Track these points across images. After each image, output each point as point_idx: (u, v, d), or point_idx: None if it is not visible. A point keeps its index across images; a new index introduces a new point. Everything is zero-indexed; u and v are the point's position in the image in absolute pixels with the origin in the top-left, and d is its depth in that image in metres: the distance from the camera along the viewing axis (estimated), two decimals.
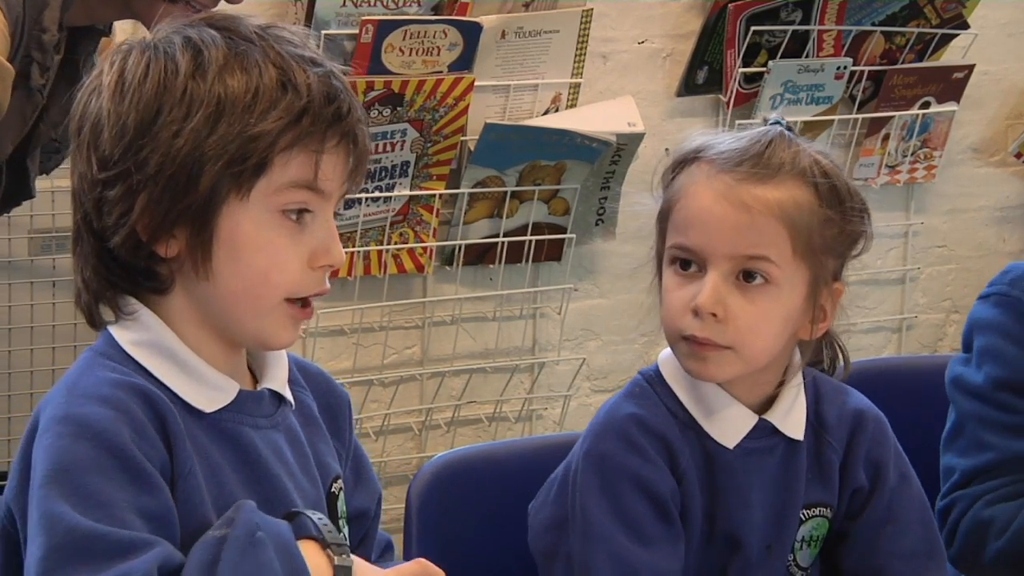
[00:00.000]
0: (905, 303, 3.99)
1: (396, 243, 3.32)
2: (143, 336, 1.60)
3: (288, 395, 1.69)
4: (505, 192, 3.37)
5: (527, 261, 3.46)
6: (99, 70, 1.62)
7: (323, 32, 3.08)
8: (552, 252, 3.50)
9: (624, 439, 1.83)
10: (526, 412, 3.61)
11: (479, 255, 3.44)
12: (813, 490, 1.91)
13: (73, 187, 1.61)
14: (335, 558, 1.53)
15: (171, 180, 1.54)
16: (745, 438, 1.86)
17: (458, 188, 3.34)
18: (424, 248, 3.35)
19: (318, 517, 1.57)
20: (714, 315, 1.78)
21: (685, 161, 1.85)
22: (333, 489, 1.71)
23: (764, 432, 1.87)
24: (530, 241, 3.44)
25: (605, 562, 1.81)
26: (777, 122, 1.86)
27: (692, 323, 1.80)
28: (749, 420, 1.86)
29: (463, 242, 3.39)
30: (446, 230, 3.40)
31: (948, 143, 3.91)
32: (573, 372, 3.63)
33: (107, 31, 2.40)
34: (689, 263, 1.82)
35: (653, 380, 1.89)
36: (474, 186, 3.34)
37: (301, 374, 1.75)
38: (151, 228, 1.56)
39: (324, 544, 1.54)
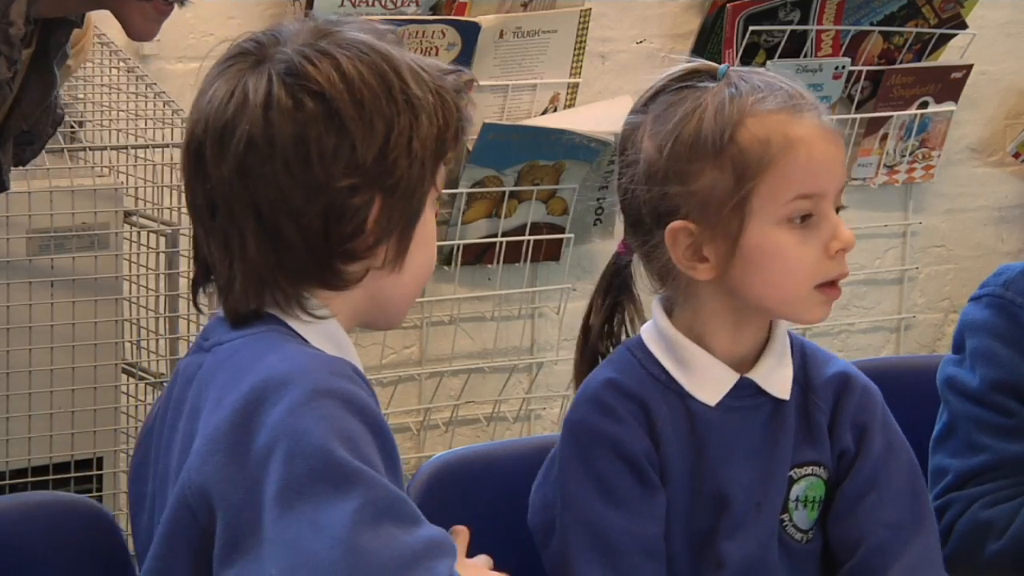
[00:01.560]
0: (903, 303, 4.00)
1: None
2: (326, 345, 1.60)
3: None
4: (503, 192, 3.37)
5: (525, 261, 3.46)
6: (240, 82, 1.60)
7: None
8: (551, 252, 3.50)
9: (596, 403, 1.85)
10: (525, 412, 3.61)
11: (477, 255, 3.45)
12: (803, 450, 1.90)
13: (259, 200, 1.57)
14: None
15: (408, 185, 1.60)
16: (728, 397, 1.87)
17: (456, 188, 3.34)
18: None
19: None
20: (845, 249, 1.82)
21: (738, 122, 1.82)
22: None
23: (748, 391, 1.87)
24: (528, 241, 3.44)
25: (579, 529, 1.82)
26: (727, 68, 1.88)
27: (831, 266, 1.81)
28: (730, 377, 1.87)
29: (461, 242, 3.40)
30: (444, 230, 3.40)
31: (946, 143, 3.91)
32: (571, 372, 3.62)
33: (79, 23, 2.39)
34: (808, 215, 1.81)
35: (633, 347, 1.90)
36: (472, 186, 3.35)
37: None
38: (379, 234, 1.59)
39: None
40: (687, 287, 1.87)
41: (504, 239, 3.42)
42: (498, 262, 3.44)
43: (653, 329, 1.90)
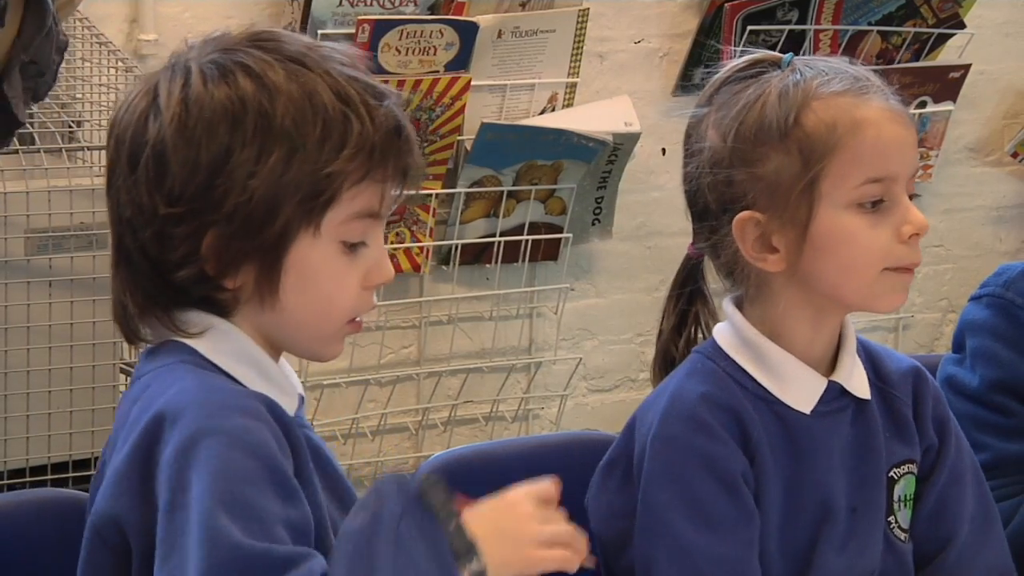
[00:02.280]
0: None
1: (393, 242, 3.31)
2: (226, 346, 1.58)
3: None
4: (502, 192, 3.37)
5: (524, 261, 3.46)
6: (148, 88, 1.58)
7: (319, 32, 3.08)
8: (549, 252, 3.50)
9: (693, 420, 1.78)
10: (523, 412, 3.61)
11: (476, 255, 3.45)
12: (897, 447, 1.87)
13: (123, 215, 1.57)
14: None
15: (246, 219, 1.53)
16: (817, 402, 1.83)
17: (455, 188, 3.34)
18: (421, 248, 3.35)
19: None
20: (918, 234, 1.79)
21: (803, 105, 1.78)
22: None
23: (833, 395, 1.83)
24: (527, 241, 3.44)
25: (665, 552, 1.76)
26: (791, 57, 1.85)
27: (903, 251, 1.79)
28: (820, 383, 1.83)
29: (460, 242, 3.40)
30: (443, 230, 3.40)
31: (944, 143, 3.91)
32: (570, 372, 3.63)
33: None
34: (879, 200, 1.77)
35: (713, 355, 1.84)
36: (471, 186, 3.34)
37: None
38: (221, 264, 1.55)
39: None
40: (758, 281, 1.82)
41: (502, 239, 3.42)
42: (496, 262, 3.43)
43: (729, 332, 1.85)
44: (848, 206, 1.77)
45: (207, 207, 1.53)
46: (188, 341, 1.59)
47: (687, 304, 1.92)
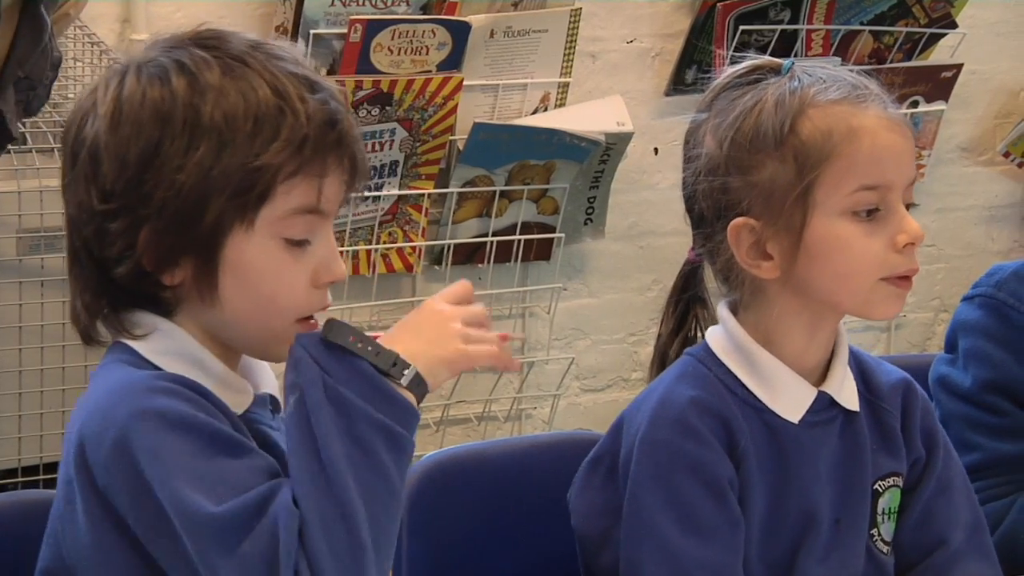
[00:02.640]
0: None
1: (385, 242, 3.31)
2: (166, 346, 1.59)
3: (282, 400, 1.69)
4: (494, 191, 3.37)
5: (516, 260, 3.46)
6: (91, 90, 1.60)
7: (312, 32, 3.08)
8: (541, 251, 3.50)
9: (681, 424, 1.78)
10: (515, 411, 3.61)
11: (468, 255, 3.44)
12: (883, 460, 1.87)
13: (69, 214, 1.60)
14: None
15: (176, 213, 1.53)
16: (806, 412, 1.82)
17: (447, 187, 3.34)
18: (413, 247, 3.35)
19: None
20: (913, 243, 1.78)
21: (799, 113, 1.77)
22: None
23: (822, 405, 1.83)
24: (519, 240, 3.44)
25: (651, 555, 1.76)
26: (792, 64, 1.84)
27: (899, 260, 1.77)
28: (810, 393, 1.82)
29: (452, 241, 3.39)
30: (435, 229, 3.40)
31: (937, 142, 3.91)
32: (562, 371, 3.63)
33: None
34: (874, 208, 1.77)
35: (705, 359, 1.84)
36: (463, 185, 3.34)
37: None
38: (156, 259, 1.56)
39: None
40: (753, 287, 1.82)
41: (494, 239, 3.42)
42: (489, 262, 3.43)
43: (722, 336, 1.84)
44: (842, 214, 1.76)
45: (138, 202, 1.54)
46: (131, 342, 1.60)
47: (686, 309, 1.92)
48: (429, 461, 2.06)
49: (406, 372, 1.54)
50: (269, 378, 1.70)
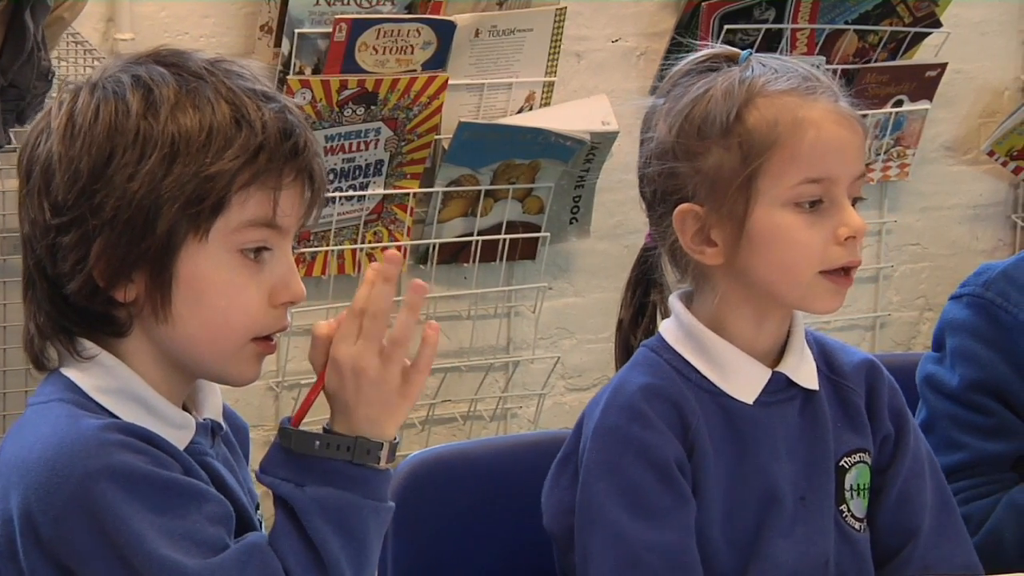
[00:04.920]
0: (879, 301, 4.00)
1: (370, 242, 3.31)
2: (108, 383, 1.57)
3: (224, 425, 1.69)
4: (479, 191, 3.37)
5: (501, 260, 3.46)
6: (47, 110, 1.59)
7: (296, 31, 3.08)
8: (526, 251, 3.50)
9: (630, 409, 1.80)
10: (501, 411, 3.61)
11: (453, 254, 3.44)
12: (848, 437, 1.88)
13: (24, 232, 1.58)
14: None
15: (127, 224, 1.52)
16: (762, 392, 1.84)
17: (432, 187, 3.34)
18: (398, 247, 3.35)
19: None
20: (855, 237, 1.78)
21: (747, 102, 1.78)
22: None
23: (779, 386, 1.85)
24: (504, 240, 3.44)
25: (600, 539, 1.77)
26: (749, 54, 1.86)
27: (839, 252, 1.78)
28: (764, 374, 1.84)
29: (437, 241, 3.39)
30: (420, 229, 3.40)
31: (921, 141, 3.92)
32: (548, 370, 3.63)
33: None
34: (817, 200, 1.78)
35: (658, 348, 1.85)
36: (448, 185, 3.34)
37: None
38: (108, 273, 1.54)
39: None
40: (699, 272, 1.84)
41: (480, 238, 3.42)
42: (474, 261, 3.43)
43: (675, 326, 1.86)
44: (785, 204, 1.78)
45: (90, 212, 1.53)
46: (71, 375, 1.57)
47: (644, 294, 1.94)
48: (414, 460, 2.06)
49: (380, 453, 1.56)
50: (215, 401, 1.68)
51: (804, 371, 1.87)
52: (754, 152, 1.78)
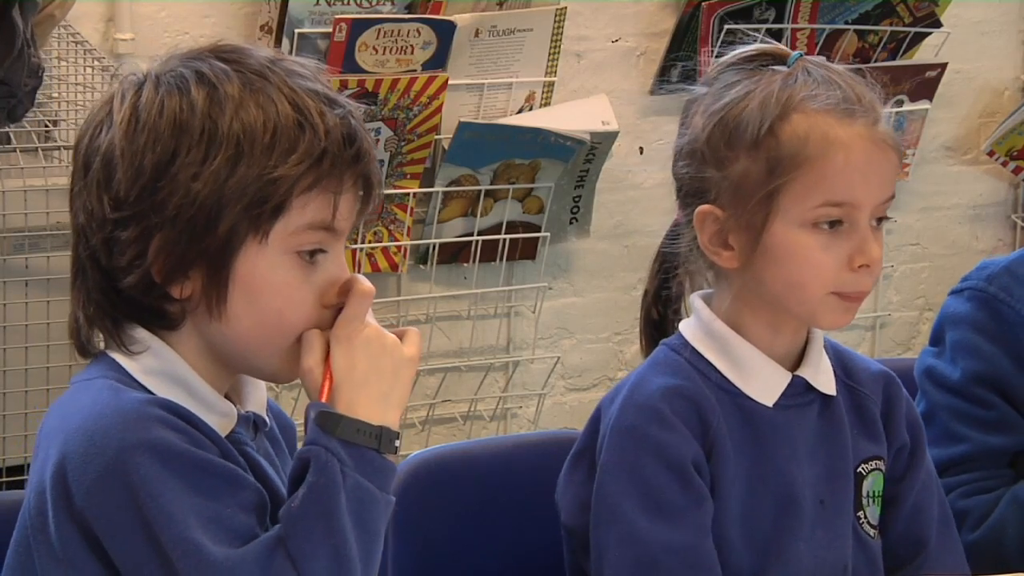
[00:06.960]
0: (879, 301, 4.00)
1: (370, 242, 3.31)
2: (154, 365, 1.58)
3: (267, 419, 1.69)
4: (479, 191, 3.37)
5: (501, 260, 3.46)
6: (106, 100, 1.59)
7: (296, 31, 3.08)
8: (526, 251, 3.50)
9: (648, 409, 1.79)
10: (501, 411, 3.61)
11: (453, 254, 3.44)
12: (864, 444, 1.88)
13: (78, 222, 1.58)
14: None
15: (189, 223, 1.52)
16: (782, 396, 1.84)
17: (432, 187, 3.34)
18: (398, 247, 3.35)
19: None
20: (868, 265, 1.77)
21: (781, 116, 1.77)
22: None
23: (798, 390, 1.84)
24: (504, 240, 3.44)
25: (617, 539, 1.77)
26: (799, 55, 1.84)
27: (852, 279, 1.78)
28: (784, 377, 1.84)
29: (437, 241, 3.39)
30: (420, 229, 3.40)
31: (921, 141, 3.92)
32: (548, 370, 3.63)
33: None
34: (838, 221, 1.77)
35: (679, 348, 1.85)
36: (448, 185, 3.34)
37: None
38: (166, 270, 1.55)
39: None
40: (717, 269, 1.84)
41: (480, 238, 3.42)
42: (474, 261, 3.43)
43: (696, 325, 1.86)
44: (803, 224, 1.77)
45: (151, 210, 1.53)
46: (120, 358, 1.58)
47: (670, 267, 1.93)
48: (415, 460, 2.06)
49: (396, 442, 1.57)
50: (259, 396, 1.68)
51: (823, 376, 1.87)
52: (781, 168, 1.76)
